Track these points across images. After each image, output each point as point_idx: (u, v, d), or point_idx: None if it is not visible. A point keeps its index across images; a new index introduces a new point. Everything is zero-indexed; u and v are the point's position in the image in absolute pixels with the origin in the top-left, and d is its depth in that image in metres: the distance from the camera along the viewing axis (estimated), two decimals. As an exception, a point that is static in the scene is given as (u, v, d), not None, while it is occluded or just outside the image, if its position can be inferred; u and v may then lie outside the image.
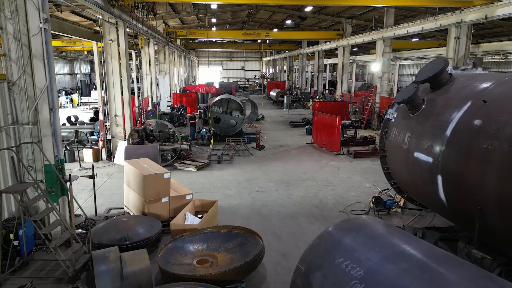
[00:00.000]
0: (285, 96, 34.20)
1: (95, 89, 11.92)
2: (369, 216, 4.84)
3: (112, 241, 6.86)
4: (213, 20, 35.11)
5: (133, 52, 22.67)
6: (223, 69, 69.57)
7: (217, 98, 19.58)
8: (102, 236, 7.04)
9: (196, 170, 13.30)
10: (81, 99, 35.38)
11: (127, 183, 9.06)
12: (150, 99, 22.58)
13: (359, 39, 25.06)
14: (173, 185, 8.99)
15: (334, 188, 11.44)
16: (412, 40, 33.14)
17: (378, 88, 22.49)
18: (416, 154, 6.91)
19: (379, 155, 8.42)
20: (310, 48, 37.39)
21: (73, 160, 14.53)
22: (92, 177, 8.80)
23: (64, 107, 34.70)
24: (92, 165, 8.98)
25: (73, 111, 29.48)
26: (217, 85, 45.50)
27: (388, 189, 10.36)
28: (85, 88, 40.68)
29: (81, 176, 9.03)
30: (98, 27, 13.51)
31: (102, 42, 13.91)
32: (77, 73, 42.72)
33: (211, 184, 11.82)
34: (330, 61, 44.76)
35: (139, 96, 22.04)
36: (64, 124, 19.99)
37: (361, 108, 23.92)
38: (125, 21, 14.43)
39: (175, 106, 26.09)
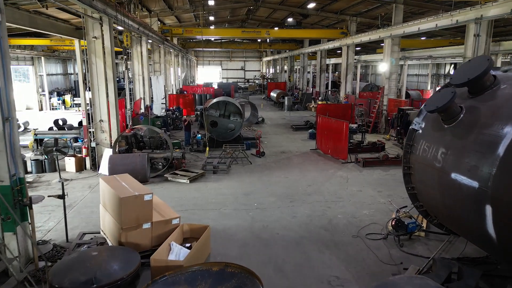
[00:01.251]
0: (286, 97, 32.86)
1: (89, 89, 11.00)
2: (412, 277, 3.47)
3: (76, 285, 5.50)
4: (211, 18, 33.78)
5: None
6: (223, 69, 68.20)
7: (214, 101, 18.21)
8: (64, 277, 5.66)
9: (188, 182, 11.94)
10: (73, 100, 34.05)
11: (103, 204, 7.71)
12: (142, 101, 21.20)
13: (365, 37, 23.69)
14: (157, 206, 7.63)
15: (344, 205, 10.07)
16: (421, 38, 31.72)
17: (385, 90, 21.11)
18: (454, 175, 5.55)
19: (403, 172, 7.06)
20: (312, 48, 36.02)
21: (54, 169, 13.17)
22: (62, 196, 7.45)
23: (56, 108, 33.45)
24: (62, 183, 7.64)
25: (63, 113, 28.17)
26: (215, 86, 44.11)
27: (406, 206, 9.02)
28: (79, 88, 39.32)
29: (48, 196, 7.68)
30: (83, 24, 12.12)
31: (85, 40, 12.55)
32: (71, 74, 41.31)
33: (204, 200, 10.45)
34: (332, 60, 43.36)
35: (131, 98, 20.65)
36: (51, 128, 18.72)
37: (367, 111, 22.54)
38: (110, 16, 13.05)
39: (171, 108, 24.64)
